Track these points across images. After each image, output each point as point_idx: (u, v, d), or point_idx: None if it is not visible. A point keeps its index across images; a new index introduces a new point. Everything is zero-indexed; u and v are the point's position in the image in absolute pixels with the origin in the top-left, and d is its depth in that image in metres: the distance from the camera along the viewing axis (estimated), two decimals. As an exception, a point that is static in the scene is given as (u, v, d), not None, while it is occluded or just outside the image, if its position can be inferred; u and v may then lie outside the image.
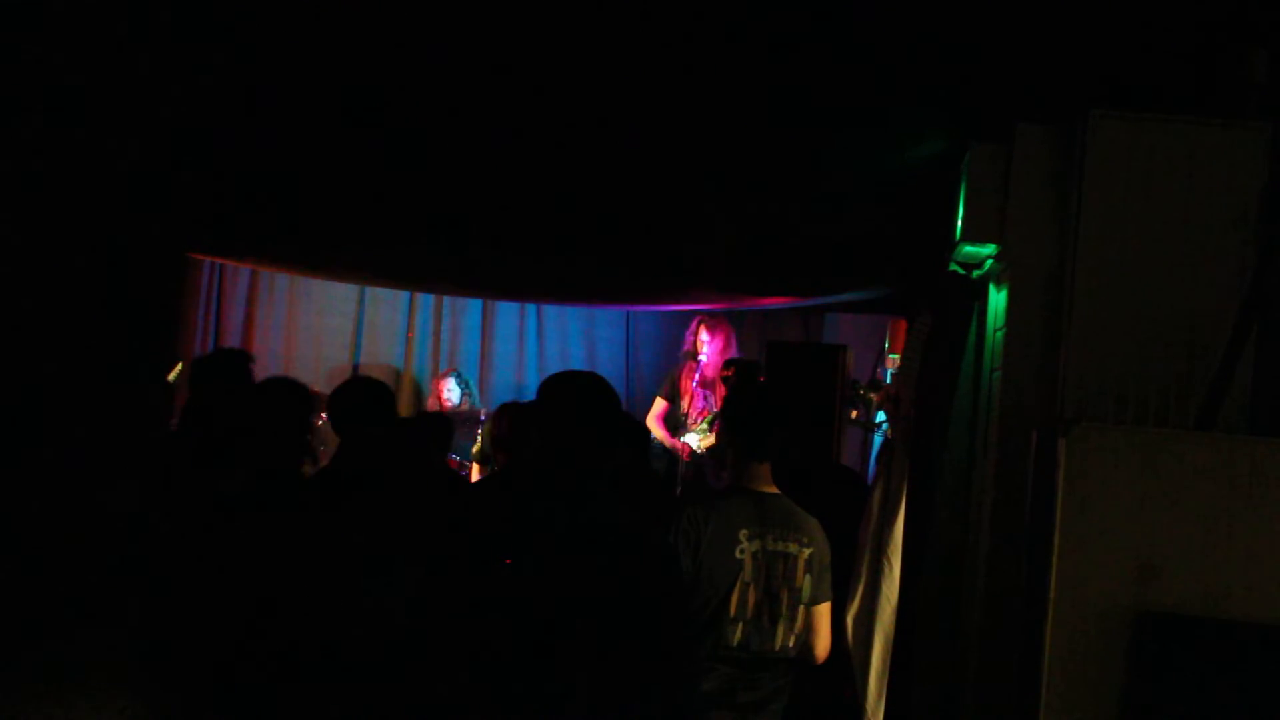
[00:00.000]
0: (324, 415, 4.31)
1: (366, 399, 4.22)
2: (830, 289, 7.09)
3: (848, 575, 4.63)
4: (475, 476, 7.15)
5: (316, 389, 4.63)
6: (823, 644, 3.68)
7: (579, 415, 2.91)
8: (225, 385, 4.69)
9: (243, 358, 4.94)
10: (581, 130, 4.63)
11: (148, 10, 3.92)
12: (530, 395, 3.76)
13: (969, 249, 4.26)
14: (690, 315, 7.91)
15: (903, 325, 7.21)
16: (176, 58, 4.19)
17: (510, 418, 5.04)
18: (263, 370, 9.02)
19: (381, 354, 9.53)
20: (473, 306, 9.66)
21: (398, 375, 9.57)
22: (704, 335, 7.61)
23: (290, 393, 4.22)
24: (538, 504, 2.89)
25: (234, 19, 3.93)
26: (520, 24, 3.87)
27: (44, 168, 5.21)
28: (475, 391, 9.16)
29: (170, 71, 4.31)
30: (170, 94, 4.49)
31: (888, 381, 6.63)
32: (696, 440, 7.32)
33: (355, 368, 9.45)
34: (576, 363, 9.37)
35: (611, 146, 4.76)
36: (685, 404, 7.57)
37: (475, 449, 7.29)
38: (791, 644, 3.59)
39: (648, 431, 5.05)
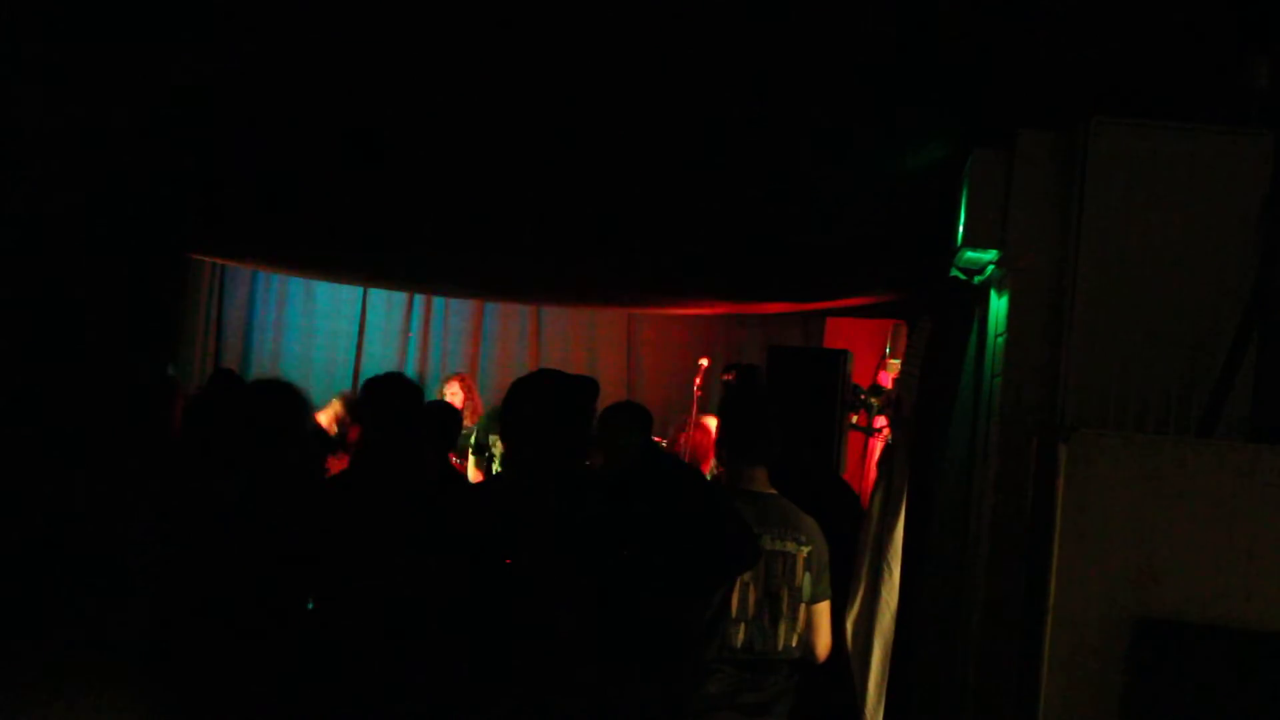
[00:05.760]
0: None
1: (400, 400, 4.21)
2: (831, 293, 7.09)
3: (847, 580, 4.63)
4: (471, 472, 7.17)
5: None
6: (823, 642, 3.69)
7: (556, 415, 2.92)
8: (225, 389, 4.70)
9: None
10: (581, 131, 4.63)
11: (149, 10, 3.93)
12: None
13: (970, 254, 4.27)
14: (690, 318, 7.90)
15: (904, 330, 7.22)
16: (177, 57, 4.20)
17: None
18: (264, 370, 9.08)
19: (382, 355, 9.54)
20: (472, 308, 9.68)
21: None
22: None
23: (287, 394, 4.23)
24: (532, 502, 2.89)
25: (235, 19, 3.93)
26: (520, 23, 3.87)
27: (43, 168, 5.22)
28: (478, 395, 9.17)
29: (171, 71, 4.31)
30: (171, 94, 4.50)
31: (889, 386, 6.62)
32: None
33: (355, 369, 9.46)
34: (577, 365, 9.38)
35: (611, 148, 4.76)
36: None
37: (471, 439, 7.29)
38: (794, 644, 3.60)
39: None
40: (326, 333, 9.39)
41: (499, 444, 7.08)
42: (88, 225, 5.75)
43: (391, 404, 4.09)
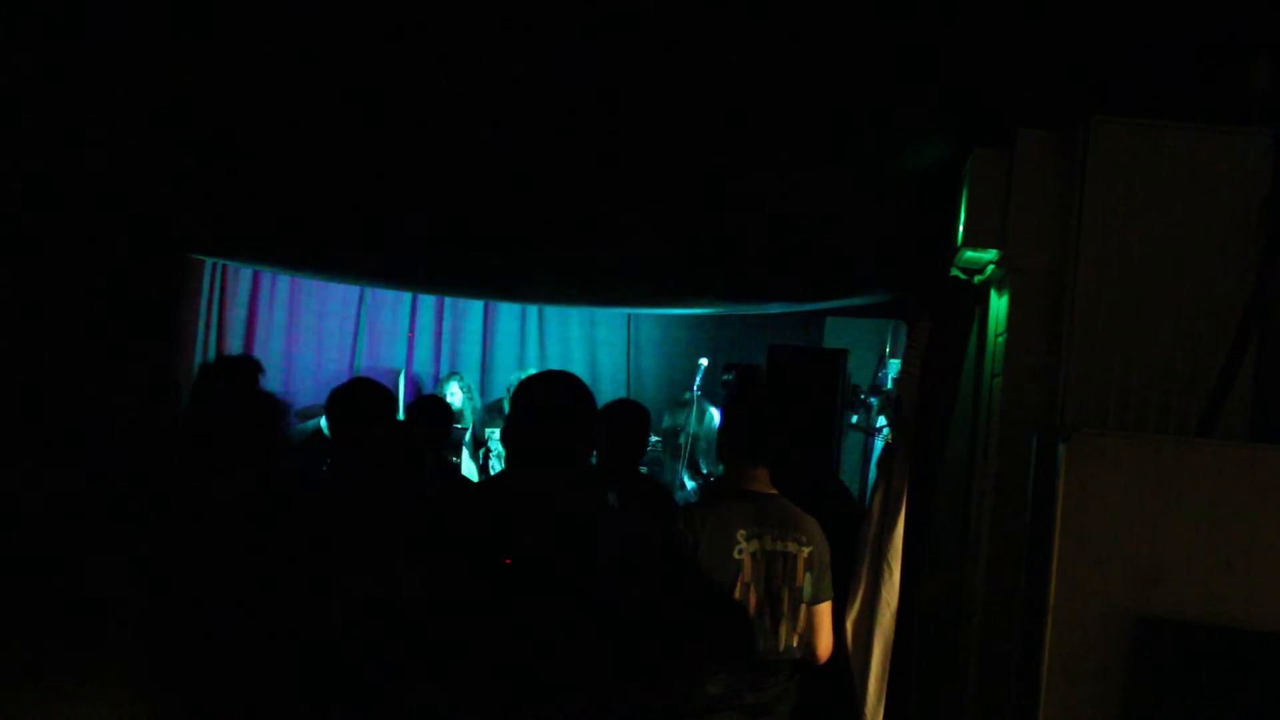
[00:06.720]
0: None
1: (366, 400, 4.25)
2: (831, 293, 7.09)
3: (847, 580, 4.63)
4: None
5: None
6: (824, 643, 3.69)
7: (559, 415, 2.92)
8: (227, 388, 4.69)
9: (251, 365, 4.93)
10: (583, 130, 4.63)
11: (148, 9, 3.93)
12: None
13: (970, 254, 4.27)
14: (690, 318, 7.91)
15: (904, 330, 7.22)
16: (177, 57, 4.20)
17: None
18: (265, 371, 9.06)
19: (383, 355, 9.53)
20: (474, 308, 9.67)
21: (399, 377, 9.58)
22: None
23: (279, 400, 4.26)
24: (532, 502, 2.89)
25: (235, 18, 3.93)
26: (522, 23, 3.87)
27: (44, 167, 5.22)
28: (477, 395, 9.17)
29: (171, 71, 4.31)
30: (171, 94, 4.50)
31: (888, 386, 6.63)
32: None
33: (356, 369, 9.45)
34: (578, 365, 9.39)
35: (613, 147, 4.76)
36: None
37: (467, 436, 7.31)
38: (795, 644, 3.60)
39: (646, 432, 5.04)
40: (328, 332, 9.38)
41: (496, 437, 7.11)
42: (88, 225, 5.75)
43: (359, 409, 4.16)
